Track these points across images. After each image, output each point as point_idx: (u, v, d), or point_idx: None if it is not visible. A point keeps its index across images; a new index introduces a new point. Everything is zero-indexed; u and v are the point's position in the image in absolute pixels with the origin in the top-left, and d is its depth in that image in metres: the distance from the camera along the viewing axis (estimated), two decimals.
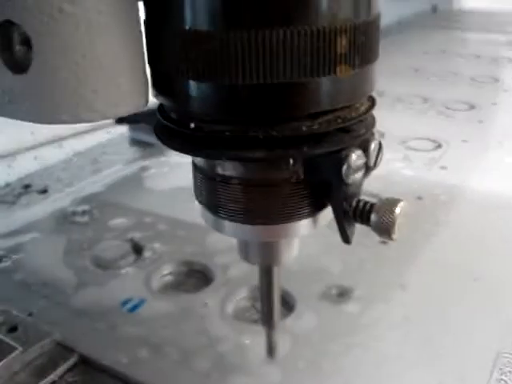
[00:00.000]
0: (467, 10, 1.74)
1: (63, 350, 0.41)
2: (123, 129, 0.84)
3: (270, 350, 0.38)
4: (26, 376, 0.39)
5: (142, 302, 0.46)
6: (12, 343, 0.40)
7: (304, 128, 0.27)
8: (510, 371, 0.39)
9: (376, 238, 0.52)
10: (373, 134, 0.29)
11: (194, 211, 0.33)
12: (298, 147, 0.27)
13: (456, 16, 1.67)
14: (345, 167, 0.27)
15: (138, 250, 0.53)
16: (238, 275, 0.49)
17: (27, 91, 0.27)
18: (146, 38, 0.28)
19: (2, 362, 0.38)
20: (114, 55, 0.27)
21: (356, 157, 0.28)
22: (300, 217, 0.30)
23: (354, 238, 0.30)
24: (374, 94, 0.30)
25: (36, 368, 0.39)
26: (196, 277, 0.50)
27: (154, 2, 0.27)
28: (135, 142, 0.81)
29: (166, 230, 0.57)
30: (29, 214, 0.61)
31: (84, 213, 0.60)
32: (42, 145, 0.83)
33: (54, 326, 0.43)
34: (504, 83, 1.03)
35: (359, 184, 0.29)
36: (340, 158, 0.27)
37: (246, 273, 0.49)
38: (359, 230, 0.31)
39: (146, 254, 0.53)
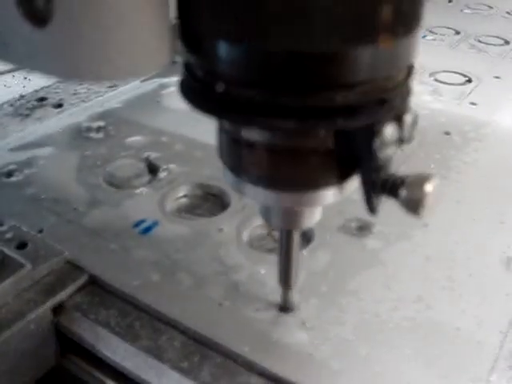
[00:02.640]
0: None
1: (73, 269, 0.40)
2: None
3: (285, 308, 0.37)
4: (34, 294, 0.38)
5: (155, 224, 0.45)
6: (21, 260, 0.38)
7: (339, 98, 0.24)
8: None
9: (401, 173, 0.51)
10: (409, 105, 0.27)
11: (212, 132, 0.31)
12: (332, 119, 0.25)
13: None
14: (377, 142, 0.26)
15: (153, 169, 0.52)
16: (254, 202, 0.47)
17: (47, 45, 0.25)
18: None
19: (10, 279, 0.37)
20: (139, 10, 0.25)
21: (390, 131, 0.26)
22: (326, 186, 0.29)
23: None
24: None
25: (45, 286, 0.38)
26: (212, 201, 0.49)
27: None
28: None
29: (183, 151, 0.55)
30: (42, 127, 0.59)
31: (99, 129, 0.58)
32: None
33: (65, 244, 0.42)
34: None
35: (391, 158, 0.27)
36: (373, 132, 0.26)
37: None
38: None
39: (162, 174, 0.51)
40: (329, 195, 0.29)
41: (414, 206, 0.27)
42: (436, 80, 0.71)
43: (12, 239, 0.41)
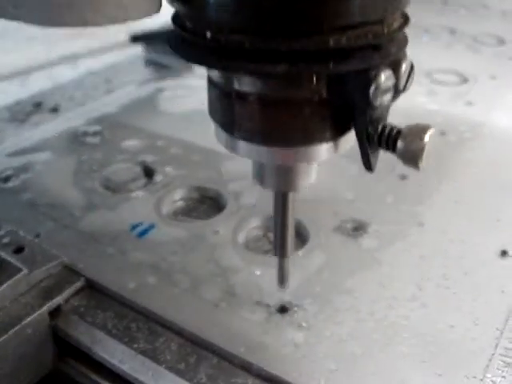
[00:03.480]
0: None
1: (70, 273, 0.40)
2: (138, 49, 0.81)
3: (282, 279, 0.37)
4: (31, 298, 0.38)
5: (151, 227, 0.45)
6: (18, 264, 0.39)
7: (331, 42, 0.24)
8: None
9: (396, 173, 0.51)
10: (404, 54, 0.27)
11: (209, 136, 0.31)
12: (324, 63, 0.24)
13: None
14: (373, 88, 0.25)
15: (149, 173, 0.52)
16: (250, 203, 0.47)
17: None
18: None
19: (8, 283, 0.37)
20: None
21: (385, 77, 0.25)
22: (320, 140, 0.28)
23: (377, 173, 0.29)
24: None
25: (42, 290, 0.38)
26: (208, 204, 0.49)
27: None
28: (150, 63, 0.79)
29: (178, 154, 0.55)
30: (39, 132, 0.59)
31: (95, 133, 0.59)
32: (56, 63, 0.81)
33: (62, 248, 0.42)
34: None
35: (386, 108, 0.27)
36: (368, 78, 0.25)
37: (259, 201, 0.47)
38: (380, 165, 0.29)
39: (158, 178, 0.51)
40: (323, 151, 0.29)
41: (412, 157, 0.27)
42: (432, 80, 0.72)
43: (9, 244, 0.41)
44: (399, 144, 0.27)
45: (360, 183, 0.50)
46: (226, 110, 0.28)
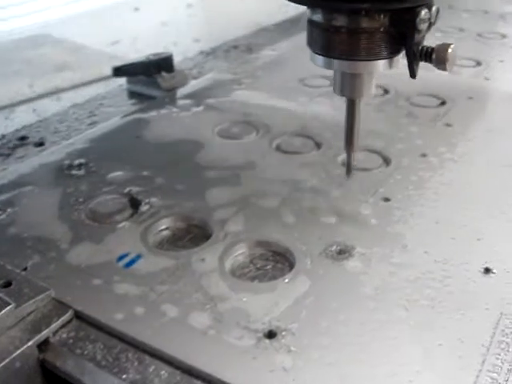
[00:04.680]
0: None
1: (57, 305, 0.40)
2: (121, 81, 0.82)
3: (349, 169, 0.49)
4: (19, 331, 0.38)
5: (138, 257, 0.45)
6: (5, 298, 0.39)
7: None
8: (511, 332, 0.38)
9: (379, 196, 0.52)
10: (433, 1, 0.41)
11: (193, 165, 0.32)
12: (391, 2, 0.39)
13: None
14: (418, 19, 0.40)
15: (135, 204, 0.52)
16: (236, 231, 0.48)
17: None
18: None
19: None
20: None
21: (424, 13, 0.40)
22: (381, 57, 0.42)
23: (357, 197, 0.29)
24: None
25: (30, 323, 0.39)
26: (194, 232, 0.49)
27: None
28: (133, 95, 0.80)
29: (163, 184, 0.55)
30: (24, 166, 0.60)
31: (80, 166, 0.59)
32: (40, 97, 0.81)
33: (49, 281, 0.42)
34: None
35: (424, 35, 0.41)
36: (415, 12, 0.39)
37: (245, 228, 0.48)
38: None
39: (144, 208, 0.52)
40: (382, 65, 0.42)
41: (442, 63, 0.41)
42: (411, 104, 0.73)
43: None
44: (434, 56, 0.41)
45: (343, 206, 0.51)
46: (325, 39, 0.42)
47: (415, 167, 0.58)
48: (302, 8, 0.43)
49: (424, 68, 0.43)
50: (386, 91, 0.75)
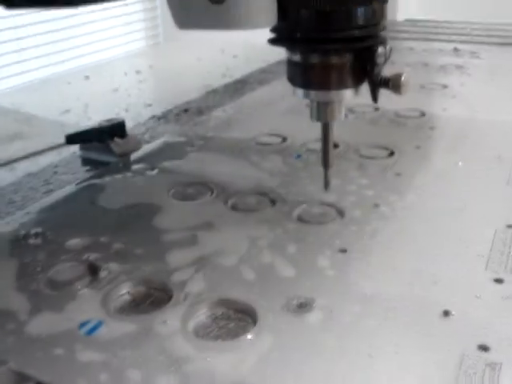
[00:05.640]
0: (412, 19, 1.76)
1: (19, 378, 0.40)
2: (75, 148, 0.83)
3: (326, 184, 0.58)
4: None
5: (99, 323, 0.45)
6: None
7: (357, 33, 0.48)
8: (474, 373, 0.39)
9: (336, 247, 0.53)
10: (387, 40, 0.50)
11: (149, 228, 0.32)
12: (355, 43, 0.49)
13: (401, 26, 1.69)
14: (376, 54, 0.49)
15: (93, 270, 0.52)
16: (197, 291, 0.48)
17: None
18: None
19: None
20: None
21: (381, 49, 0.49)
22: (349, 87, 0.51)
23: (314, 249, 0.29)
24: None
25: None
26: (154, 295, 0.49)
27: None
28: (87, 162, 0.80)
29: (121, 249, 0.55)
30: None
31: (37, 235, 0.59)
32: None
33: (9, 354, 0.41)
34: (453, 89, 1.05)
35: (381, 67, 0.50)
36: (374, 50, 0.49)
37: (205, 288, 0.48)
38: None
39: (103, 274, 0.51)
40: (349, 93, 0.51)
41: (397, 88, 0.50)
42: (361, 156, 0.75)
43: None
44: (390, 83, 0.50)
45: (301, 260, 0.52)
46: (303, 75, 0.51)
47: (369, 217, 0.59)
48: (248, 70, 0.48)
49: (371, 123, 0.45)
50: (336, 145, 0.77)
